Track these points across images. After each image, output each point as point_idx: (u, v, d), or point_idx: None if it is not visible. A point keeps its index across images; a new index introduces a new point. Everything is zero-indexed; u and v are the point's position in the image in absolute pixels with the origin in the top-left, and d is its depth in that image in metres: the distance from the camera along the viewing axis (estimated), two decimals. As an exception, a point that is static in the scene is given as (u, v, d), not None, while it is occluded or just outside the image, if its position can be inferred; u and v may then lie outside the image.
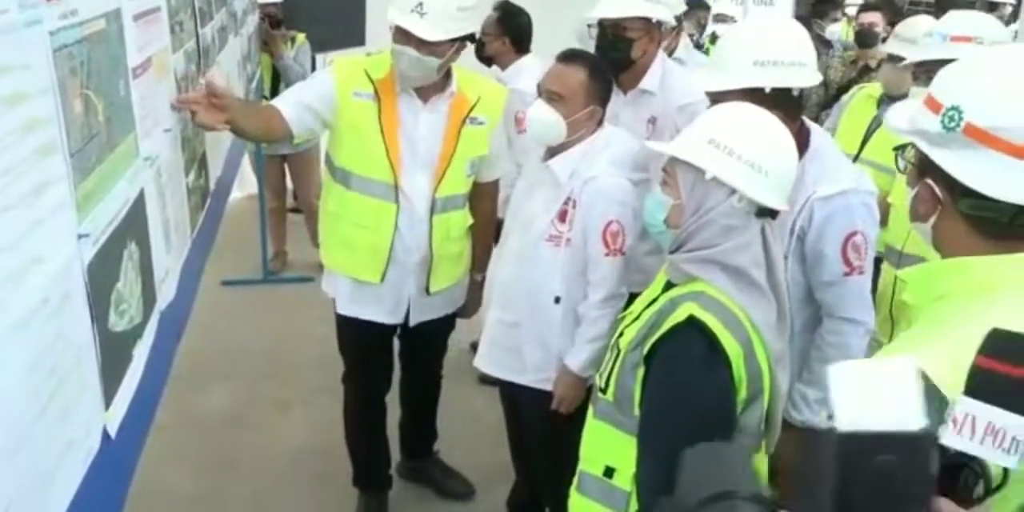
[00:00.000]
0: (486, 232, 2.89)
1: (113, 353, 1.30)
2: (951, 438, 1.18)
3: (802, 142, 2.07)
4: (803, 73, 2.04)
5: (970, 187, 1.11)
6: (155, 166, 1.67)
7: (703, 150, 1.61)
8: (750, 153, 1.59)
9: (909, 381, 1.15)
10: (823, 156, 2.10)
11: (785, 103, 2.01)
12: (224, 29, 2.89)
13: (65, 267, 1.11)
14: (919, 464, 1.06)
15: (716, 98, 2.05)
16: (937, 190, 1.16)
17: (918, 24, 3.20)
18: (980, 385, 1.18)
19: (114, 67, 1.42)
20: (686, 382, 1.55)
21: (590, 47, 2.72)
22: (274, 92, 4.98)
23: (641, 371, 1.63)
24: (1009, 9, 8.54)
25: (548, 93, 2.30)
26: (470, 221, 2.78)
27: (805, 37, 2.11)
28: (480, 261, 2.91)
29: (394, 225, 2.60)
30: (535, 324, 2.38)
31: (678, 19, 3.66)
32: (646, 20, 2.69)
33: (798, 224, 2.05)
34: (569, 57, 2.35)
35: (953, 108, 1.11)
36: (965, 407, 1.17)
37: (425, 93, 2.56)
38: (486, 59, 3.78)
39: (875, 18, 4.58)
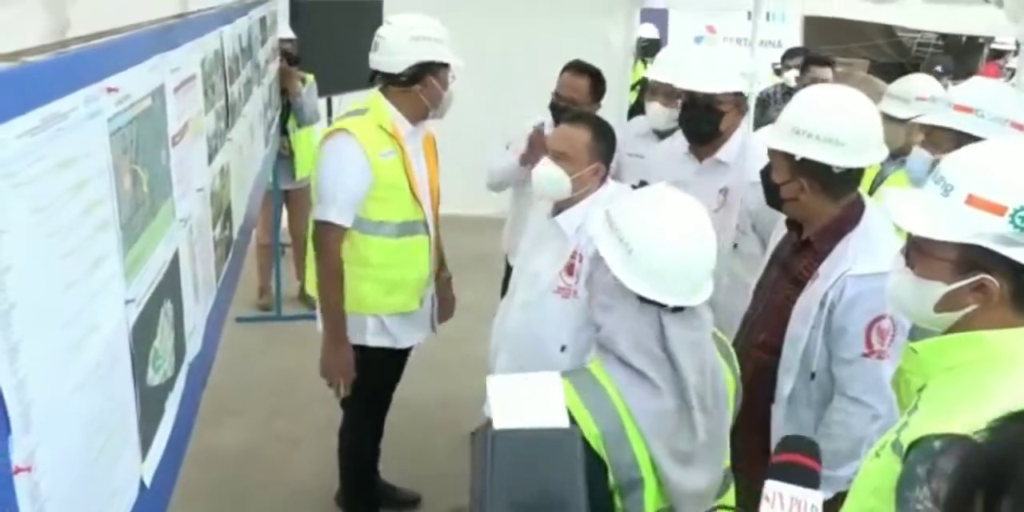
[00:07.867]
0: None
1: (150, 407, 1.39)
2: (766, 510, 1.42)
3: (853, 217, 2.08)
4: (844, 153, 2.01)
5: None
6: (188, 225, 1.76)
7: (601, 220, 1.71)
8: (625, 231, 1.62)
9: (555, 390, 1.41)
10: (871, 235, 2.05)
11: (824, 179, 2.04)
12: (249, 82, 3.02)
13: (115, 332, 1.21)
14: (564, 459, 1.28)
15: (770, 156, 2.15)
16: (996, 282, 1.26)
17: (913, 85, 3.31)
18: (781, 472, 1.42)
19: (157, 139, 1.51)
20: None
21: None
22: (283, 131, 4.86)
23: None
24: (1013, 57, 8.64)
25: (554, 152, 2.45)
26: None
27: (867, 119, 2.08)
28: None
29: (428, 254, 2.90)
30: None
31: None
32: (738, 93, 2.76)
33: (829, 297, 2.00)
34: (574, 119, 2.52)
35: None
36: (772, 487, 1.41)
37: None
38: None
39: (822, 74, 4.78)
